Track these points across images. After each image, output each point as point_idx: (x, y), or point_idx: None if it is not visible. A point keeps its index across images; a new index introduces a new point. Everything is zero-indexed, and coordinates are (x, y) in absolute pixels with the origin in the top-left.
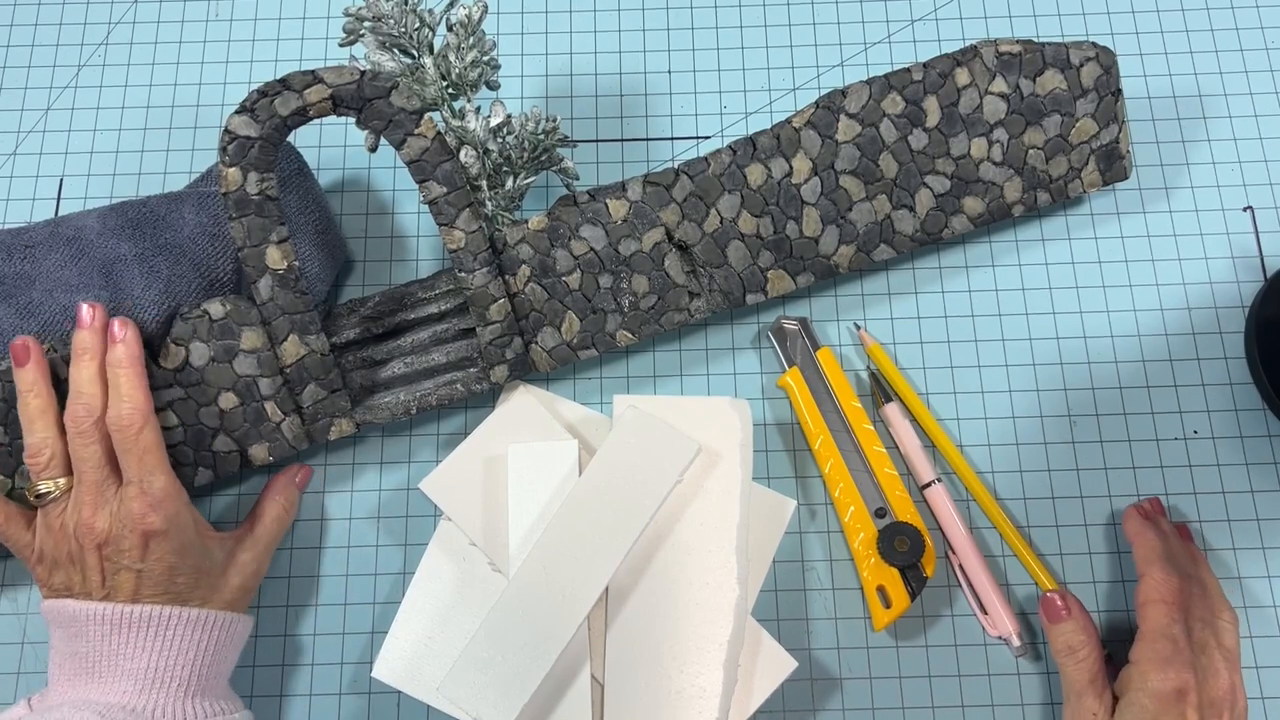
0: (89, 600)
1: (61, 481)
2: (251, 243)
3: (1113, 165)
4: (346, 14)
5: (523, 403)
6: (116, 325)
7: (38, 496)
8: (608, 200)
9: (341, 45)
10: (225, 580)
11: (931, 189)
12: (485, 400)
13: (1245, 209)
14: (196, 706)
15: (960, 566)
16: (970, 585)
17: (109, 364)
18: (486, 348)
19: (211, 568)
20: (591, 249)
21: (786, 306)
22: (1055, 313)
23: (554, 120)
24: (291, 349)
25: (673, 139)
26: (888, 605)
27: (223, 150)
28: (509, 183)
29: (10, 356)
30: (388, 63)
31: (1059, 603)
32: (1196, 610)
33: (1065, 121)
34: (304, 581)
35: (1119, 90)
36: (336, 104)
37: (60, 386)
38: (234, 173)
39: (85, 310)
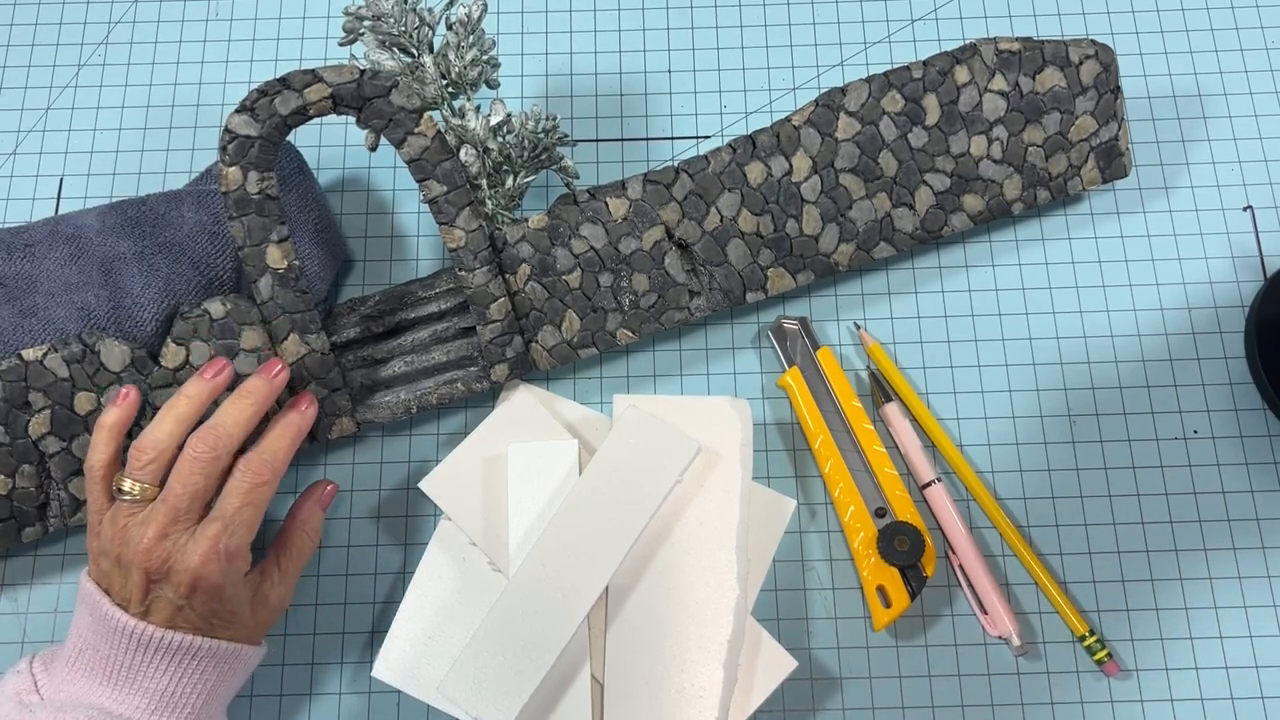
0: (124, 611)
1: (144, 490)
2: (251, 242)
3: (1112, 163)
4: (346, 13)
5: (523, 402)
6: (305, 402)
7: (119, 490)
8: (608, 199)
9: (341, 44)
10: (252, 615)
11: (931, 187)
12: (485, 399)
13: (1245, 209)
14: None
15: (960, 566)
16: (970, 585)
17: (280, 422)
18: (487, 346)
19: (244, 606)
20: (592, 247)
21: (786, 306)
22: (1055, 312)
23: (554, 119)
24: (292, 348)
25: (673, 139)
26: (888, 605)
27: (223, 149)
28: (509, 181)
29: (207, 366)
30: (387, 61)
31: None
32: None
33: (1065, 119)
34: (304, 581)
35: (1118, 87)
36: (336, 103)
37: (55, 387)
38: (234, 172)
39: (276, 365)
